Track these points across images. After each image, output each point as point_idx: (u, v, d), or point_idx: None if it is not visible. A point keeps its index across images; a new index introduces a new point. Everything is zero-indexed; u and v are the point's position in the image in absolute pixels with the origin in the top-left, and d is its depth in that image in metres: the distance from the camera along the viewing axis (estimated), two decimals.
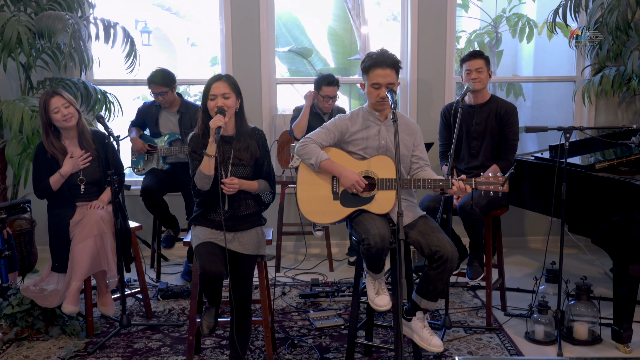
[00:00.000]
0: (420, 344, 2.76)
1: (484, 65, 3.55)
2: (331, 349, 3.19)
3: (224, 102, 2.72)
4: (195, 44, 9.23)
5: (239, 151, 2.79)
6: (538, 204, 3.68)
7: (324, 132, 2.81)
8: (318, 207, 2.78)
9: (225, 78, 2.77)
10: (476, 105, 3.62)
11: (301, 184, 2.81)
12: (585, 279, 3.33)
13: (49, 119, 3.28)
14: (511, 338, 3.32)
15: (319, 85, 4.28)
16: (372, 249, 2.55)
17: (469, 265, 3.53)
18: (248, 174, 2.81)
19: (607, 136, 3.93)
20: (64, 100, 3.28)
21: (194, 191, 2.83)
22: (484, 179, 2.64)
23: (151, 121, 4.31)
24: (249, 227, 2.82)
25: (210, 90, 2.73)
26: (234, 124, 2.82)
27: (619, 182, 3.10)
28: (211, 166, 2.69)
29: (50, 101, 3.25)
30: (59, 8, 4.26)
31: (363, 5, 6.80)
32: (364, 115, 2.83)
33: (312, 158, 2.74)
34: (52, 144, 3.31)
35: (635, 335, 3.25)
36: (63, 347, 3.21)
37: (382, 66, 2.70)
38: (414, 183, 2.68)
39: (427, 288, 2.68)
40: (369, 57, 2.76)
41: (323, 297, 3.91)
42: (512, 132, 3.54)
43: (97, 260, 3.23)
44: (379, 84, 2.71)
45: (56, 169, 3.30)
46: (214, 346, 3.24)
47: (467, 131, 3.62)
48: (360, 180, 2.69)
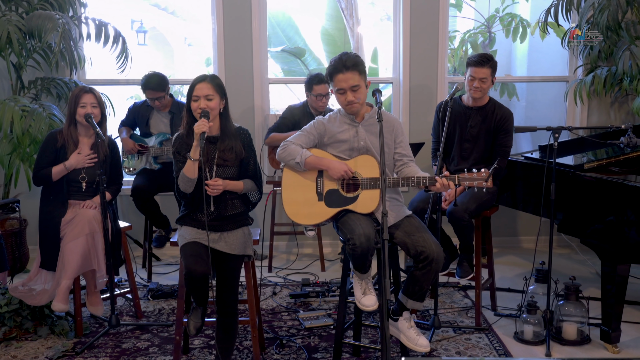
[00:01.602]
0: (407, 344, 2.76)
1: (489, 75, 3.45)
2: (319, 349, 3.19)
3: (207, 103, 2.71)
4: (192, 44, 9.23)
5: (224, 152, 2.78)
6: (529, 204, 3.68)
7: (304, 135, 2.81)
8: (303, 209, 2.78)
9: (210, 79, 2.75)
10: (473, 107, 3.58)
11: (286, 187, 2.81)
12: (574, 279, 3.33)
13: (75, 111, 3.34)
14: (500, 338, 3.31)
15: (310, 86, 4.27)
16: (357, 249, 2.55)
17: (458, 266, 3.53)
18: (233, 174, 2.81)
19: (598, 136, 3.93)
20: (94, 99, 3.35)
21: (177, 193, 2.82)
22: (467, 175, 2.63)
23: (142, 121, 4.30)
24: (235, 227, 2.81)
25: (194, 91, 2.73)
26: (219, 124, 2.81)
27: (607, 182, 3.11)
28: (195, 169, 2.69)
29: (82, 95, 3.34)
30: (50, 8, 4.25)
31: (356, 5, 6.80)
32: (341, 119, 2.82)
33: (296, 157, 2.74)
34: (71, 133, 3.38)
35: (624, 336, 3.25)
36: (51, 347, 3.21)
37: (341, 71, 2.67)
38: (397, 181, 2.67)
39: (413, 288, 2.68)
40: (329, 64, 2.75)
41: (313, 297, 3.90)
42: (506, 138, 3.51)
43: (88, 259, 3.23)
44: (343, 89, 2.69)
45: (61, 160, 3.35)
46: (202, 346, 3.24)
47: (461, 132, 3.60)
48: (348, 168, 2.69)
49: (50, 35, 3.96)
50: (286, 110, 4.46)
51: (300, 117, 4.28)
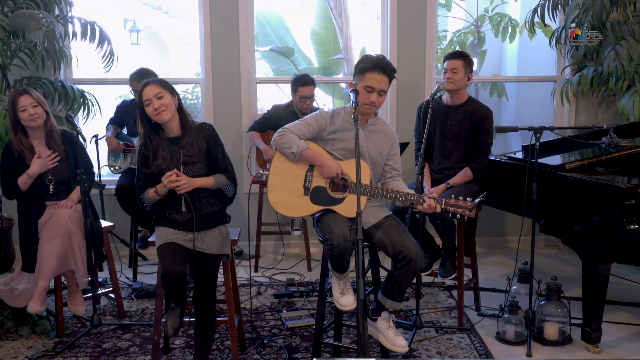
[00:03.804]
0: (385, 344, 2.76)
1: (460, 66, 3.50)
2: (300, 349, 3.18)
3: (159, 102, 2.69)
4: (188, 43, 9.20)
5: (186, 148, 2.78)
6: (513, 204, 3.67)
7: (304, 126, 2.78)
8: (286, 199, 2.77)
9: (153, 81, 2.74)
10: (452, 106, 3.60)
11: (273, 174, 2.80)
12: (556, 279, 3.33)
13: (17, 117, 3.26)
14: (482, 338, 3.31)
15: (295, 87, 4.27)
16: (335, 249, 2.55)
17: (441, 266, 3.54)
18: (202, 170, 2.80)
19: (582, 136, 3.92)
20: (32, 99, 3.25)
21: (140, 204, 2.85)
22: (454, 202, 2.63)
23: (130, 120, 4.29)
24: (211, 226, 2.81)
25: (143, 97, 2.71)
26: (178, 122, 2.80)
27: (586, 182, 3.10)
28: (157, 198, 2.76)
29: (18, 99, 3.23)
30: (35, 7, 4.24)
31: (346, 4, 6.79)
32: (345, 117, 2.80)
33: (292, 147, 2.71)
34: (21, 141, 3.29)
35: (606, 336, 3.26)
36: (32, 347, 3.20)
37: (380, 71, 2.67)
38: (386, 193, 2.67)
39: (392, 288, 2.68)
40: (369, 59, 2.71)
41: (297, 297, 3.90)
42: (486, 136, 3.52)
43: (65, 260, 3.22)
44: (373, 87, 2.68)
45: (24, 169, 3.28)
46: (183, 346, 3.23)
47: (441, 131, 3.61)
48: (341, 171, 2.69)
49: (34, 34, 3.95)
50: (271, 109, 4.46)
51: (283, 117, 4.27)
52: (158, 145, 2.75)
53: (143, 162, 2.77)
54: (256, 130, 4.42)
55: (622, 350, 3.18)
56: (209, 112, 4.84)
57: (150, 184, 2.79)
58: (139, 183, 2.81)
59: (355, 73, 2.75)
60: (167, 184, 2.68)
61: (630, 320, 3.54)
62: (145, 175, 2.79)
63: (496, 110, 6.85)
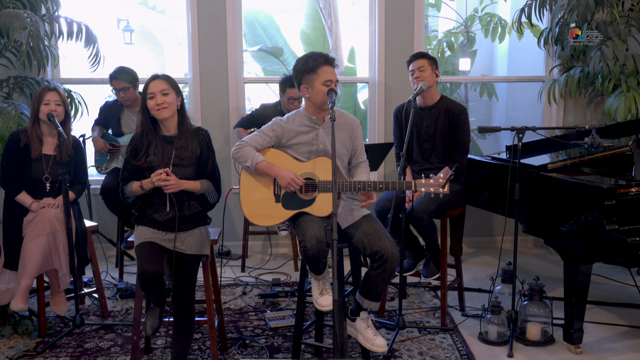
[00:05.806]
0: (364, 344, 2.76)
1: (426, 64, 3.50)
2: (282, 349, 3.18)
3: (163, 99, 2.70)
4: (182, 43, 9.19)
5: (180, 150, 2.77)
6: (498, 204, 3.67)
7: (260, 136, 2.79)
8: (260, 210, 2.76)
9: (163, 76, 2.76)
10: (425, 107, 3.58)
11: (244, 187, 2.79)
12: (539, 279, 3.33)
13: (38, 109, 3.33)
14: (464, 338, 3.31)
15: (283, 88, 4.27)
16: (308, 251, 2.55)
17: (424, 266, 3.53)
18: (190, 173, 2.80)
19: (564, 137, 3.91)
20: (58, 97, 3.34)
21: (122, 197, 2.84)
22: (425, 182, 2.62)
23: (113, 121, 4.29)
24: (191, 227, 2.80)
25: (149, 89, 2.72)
26: (176, 123, 2.81)
27: (568, 183, 3.10)
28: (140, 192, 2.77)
29: (46, 93, 3.32)
30: (21, 7, 4.23)
31: (335, 4, 6.78)
32: (301, 120, 2.80)
33: (247, 161, 2.72)
34: (35, 131, 3.36)
35: (588, 336, 3.26)
36: (13, 347, 3.20)
37: (331, 64, 2.72)
38: (353, 185, 2.66)
39: (369, 288, 2.68)
40: (315, 56, 2.72)
41: (282, 297, 3.89)
42: (463, 134, 3.51)
43: (48, 258, 3.22)
44: (331, 80, 2.69)
45: (28, 160, 3.33)
46: (165, 346, 3.23)
47: (418, 133, 3.60)
48: (295, 178, 2.67)
49: (18, 34, 3.94)
50: (259, 107, 4.46)
51: (270, 116, 4.23)
52: (152, 140, 2.75)
53: (133, 154, 2.77)
54: (243, 127, 4.42)
55: (603, 350, 3.17)
56: (196, 111, 4.83)
57: (135, 177, 2.79)
58: (124, 173, 2.80)
59: (303, 75, 2.72)
60: (156, 181, 2.67)
61: (613, 321, 3.54)
62: (132, 167, 2.78)
63: (486, 110, 6.85)
